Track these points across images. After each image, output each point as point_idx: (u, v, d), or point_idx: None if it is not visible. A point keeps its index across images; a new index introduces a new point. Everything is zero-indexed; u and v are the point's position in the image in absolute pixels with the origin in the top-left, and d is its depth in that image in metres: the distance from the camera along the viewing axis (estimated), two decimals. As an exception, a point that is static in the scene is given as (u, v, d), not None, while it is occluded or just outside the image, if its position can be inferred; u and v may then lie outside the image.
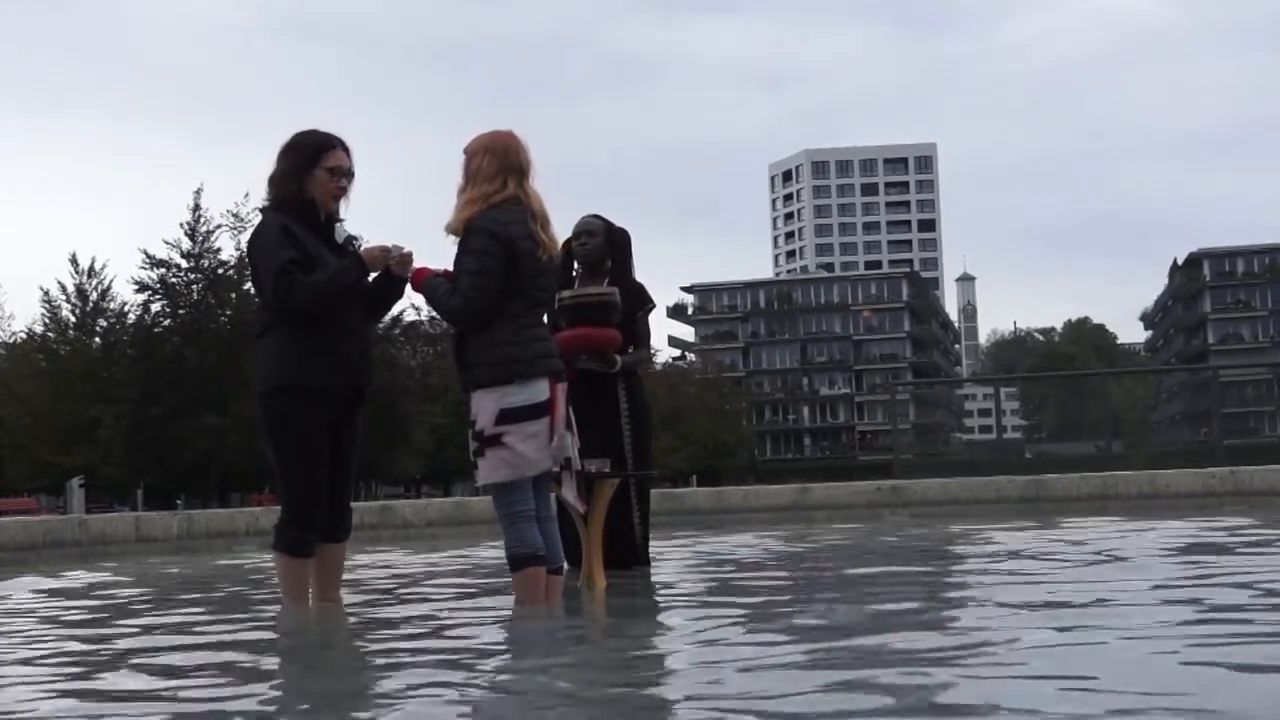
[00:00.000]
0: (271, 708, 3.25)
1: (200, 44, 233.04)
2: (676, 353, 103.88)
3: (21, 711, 3.23)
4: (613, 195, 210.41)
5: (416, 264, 5.23)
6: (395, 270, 5.24)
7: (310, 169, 5.22)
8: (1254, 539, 7.49)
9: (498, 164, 5.03)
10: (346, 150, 5.31)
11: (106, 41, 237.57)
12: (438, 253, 5.26)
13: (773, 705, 2.92)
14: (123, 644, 4.56)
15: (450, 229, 5.04)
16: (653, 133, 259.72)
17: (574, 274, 6.75)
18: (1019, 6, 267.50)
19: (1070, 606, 4.55)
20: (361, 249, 5.26)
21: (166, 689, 3.50)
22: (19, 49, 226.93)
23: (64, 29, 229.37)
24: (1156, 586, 5.08)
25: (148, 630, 4.99)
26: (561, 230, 5.41)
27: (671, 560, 7.50)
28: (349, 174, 5.29)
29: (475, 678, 3.55)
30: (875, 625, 4.25)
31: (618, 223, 6.90)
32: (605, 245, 6.78)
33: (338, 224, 5.35)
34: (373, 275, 5.24)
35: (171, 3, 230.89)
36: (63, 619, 5.61)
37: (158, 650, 4.30)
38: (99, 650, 4.43)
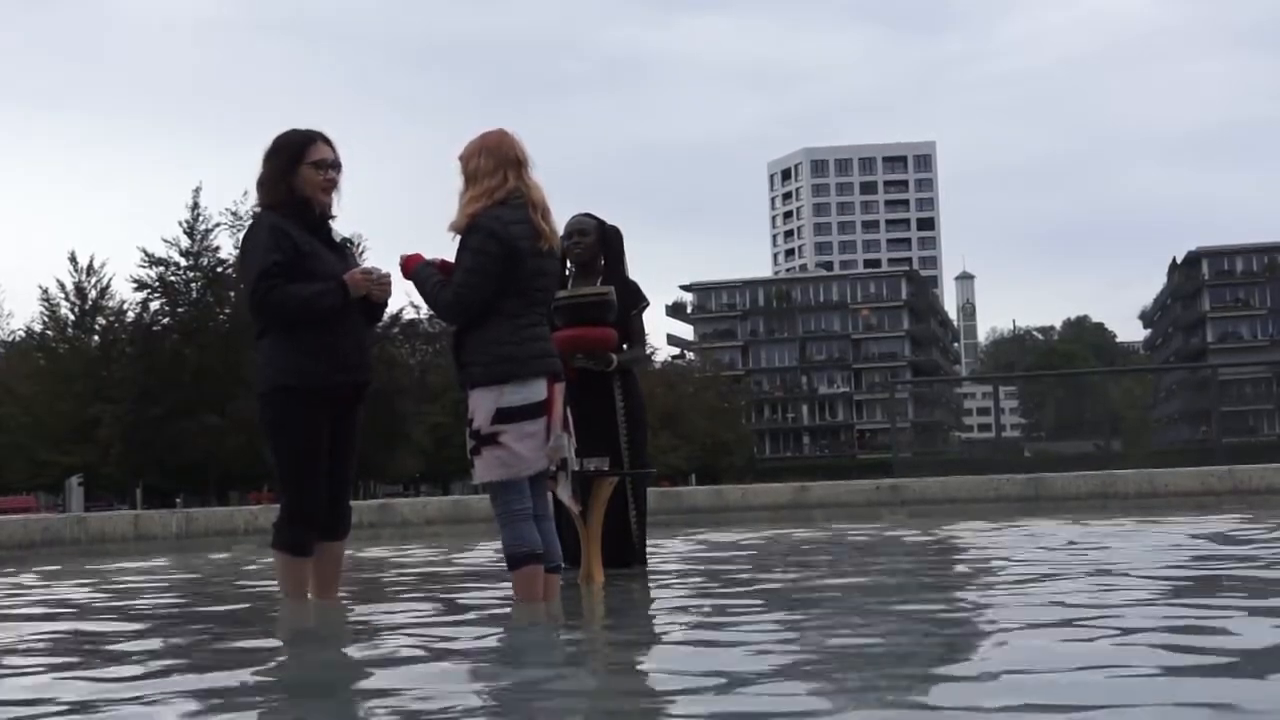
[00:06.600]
0: (267, 706, 3.25)
1: (199, 42, 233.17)
2: (675, 351, 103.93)
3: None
4: (611, 194, 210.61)
5: (410, 253, 5.22)
6: (375, 297, 5.26)
7: (295, 168, 5.23)
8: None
9: (495, 160, 5.04)
10: (329, 143, 5.32)
11: (105, 40, 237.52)
12: (437, 252, 5.27)
13: (771, 702, 2.92)
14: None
15: (454, 227, 5.05)
16: (651, 131, 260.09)
17: (567, 274, 6.75)
18: (1018, 5, 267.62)
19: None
20: (345, 275, 5.23)
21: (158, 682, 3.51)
22: (18, 48, 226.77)
23: (63, 27, 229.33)
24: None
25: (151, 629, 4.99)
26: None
27: (670, 558, 7.50)
28: (335, 165, 5.29)
29: (472, 675, 3.55)
30: (869, 623, 4.26)
31: (612, 221, 6.90)
32: (598, 244, 6.77)
33: (330, 224, 5.36)
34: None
35: (171, 1, 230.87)
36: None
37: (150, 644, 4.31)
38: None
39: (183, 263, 48.80)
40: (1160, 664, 3.21)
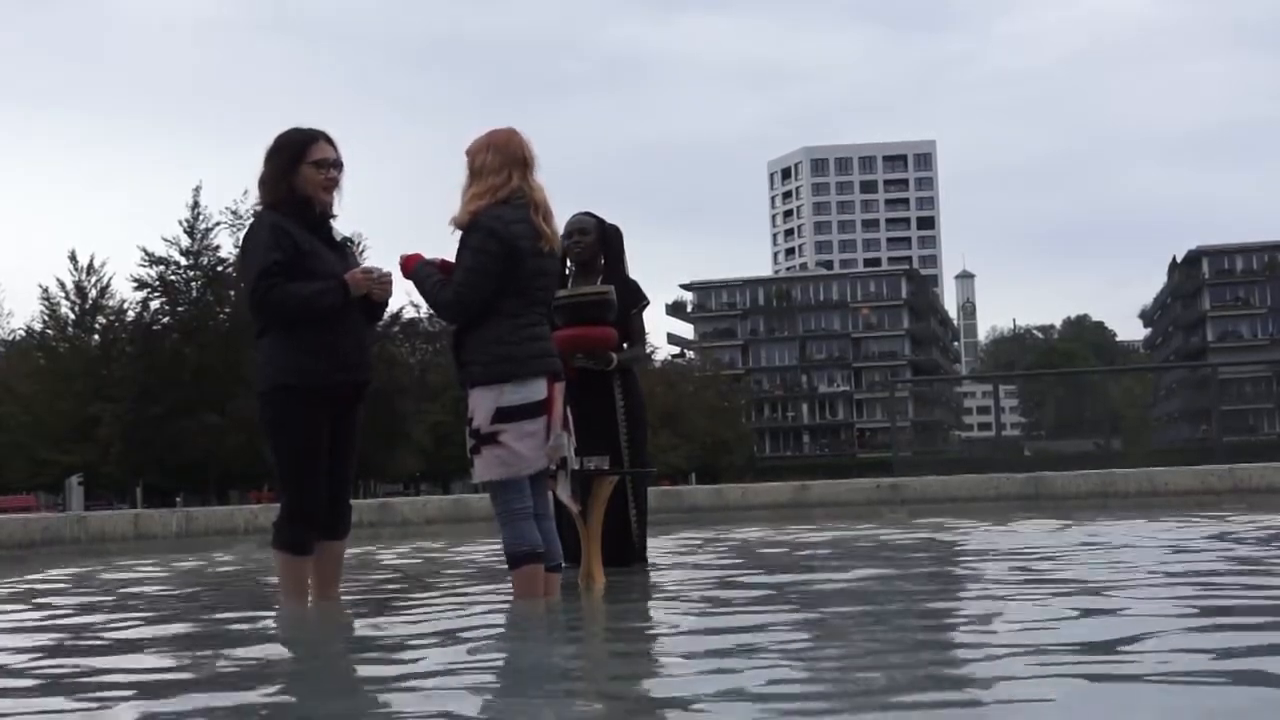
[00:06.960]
0: (266, 706, 3.25)
1: (199, 42, 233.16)
2: (675, 350, 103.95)
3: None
4: (611, 194, 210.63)
5: (410, 253, 5.22)
6: (376, 296, 5.25)
7: (296, 167, 5.23)
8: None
9: (501, 158, 5.05)
10: (331, 142, 5.32)
11: (105, 40, 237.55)
12: (437, 251, 5.27)
13: (772, 699, 2.92)
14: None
15: (456, 222, 5.06)
16: (651, 131, 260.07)
17: (567, 273, 6.75)
18: (1018, 5, 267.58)
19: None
20: (345, 274, 5.23)
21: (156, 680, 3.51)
22: (18, 48, 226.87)
23: (63, 27, 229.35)
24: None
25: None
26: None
27: (670, 557, 7.50)
28: (336, 164, 5.29)
29: (472, 674, 3.55)
30: (869, 622, 4.26)
31: (612, 220, 6.90)
32: (598, 243, 6.77)
33: (330, 223, 5.36)
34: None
35: (171, 1, 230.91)
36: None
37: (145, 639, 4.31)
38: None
39: (183, 262, 48.83)
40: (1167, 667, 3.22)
